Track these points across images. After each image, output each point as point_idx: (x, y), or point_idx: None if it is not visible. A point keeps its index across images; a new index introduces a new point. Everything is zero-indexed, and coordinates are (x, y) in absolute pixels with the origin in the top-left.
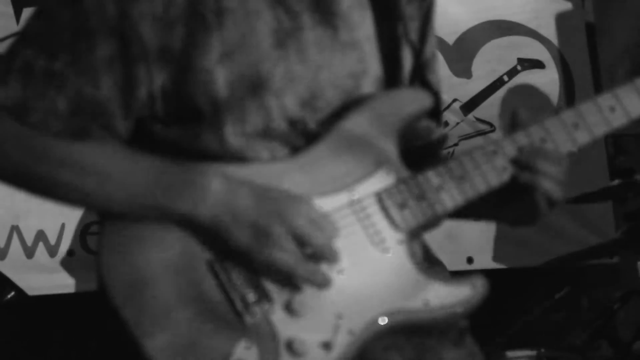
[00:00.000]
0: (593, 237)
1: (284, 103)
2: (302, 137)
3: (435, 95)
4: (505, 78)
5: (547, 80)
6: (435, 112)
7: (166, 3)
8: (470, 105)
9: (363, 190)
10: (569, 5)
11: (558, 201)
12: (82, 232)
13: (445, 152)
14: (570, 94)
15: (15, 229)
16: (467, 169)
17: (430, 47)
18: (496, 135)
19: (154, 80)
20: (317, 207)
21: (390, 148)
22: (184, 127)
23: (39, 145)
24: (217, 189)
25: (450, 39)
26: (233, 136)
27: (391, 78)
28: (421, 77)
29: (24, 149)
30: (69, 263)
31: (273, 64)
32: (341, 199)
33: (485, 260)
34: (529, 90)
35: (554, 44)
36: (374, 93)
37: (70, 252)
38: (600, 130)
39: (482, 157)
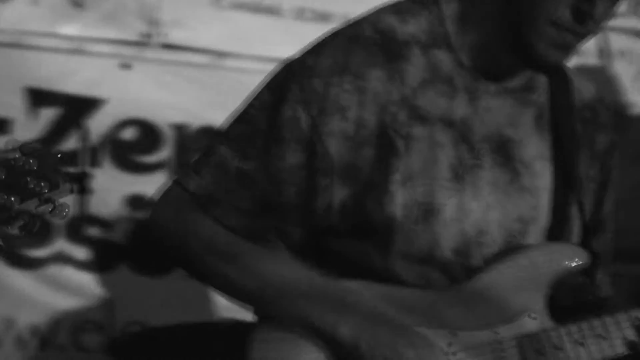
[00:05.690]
0: None
1: (452, 234)
2: (462, 270)
3: (595, 256)
4: None
5: None
6: (591, 272)
7: (358, 124)
8: None
9: (506, 332)
10: None
11: None
12: None
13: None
14: None
15: None
16: (609, 330)
17: (606, 209)
18: None
19: (335, 194)
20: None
21: (539, 297)
22: (355, 242)
23: (214, 235)
24: (363, 312)
25: None
26: (398, 257)
27: (556, 232)
28: (585, 239)
29: (198, 235)
30: None
31: (447, 196)
32: (484, 337)
33: None
34: None
35: None
36: (537, 242)
37: None
38: None
39: (626, 321)
